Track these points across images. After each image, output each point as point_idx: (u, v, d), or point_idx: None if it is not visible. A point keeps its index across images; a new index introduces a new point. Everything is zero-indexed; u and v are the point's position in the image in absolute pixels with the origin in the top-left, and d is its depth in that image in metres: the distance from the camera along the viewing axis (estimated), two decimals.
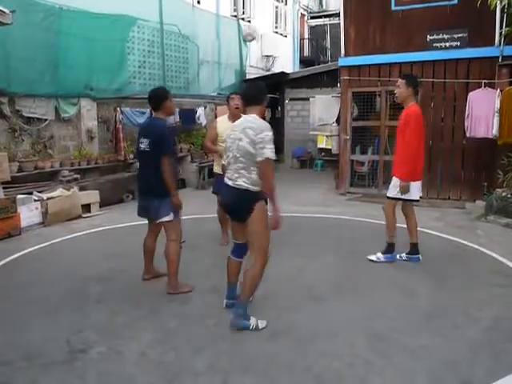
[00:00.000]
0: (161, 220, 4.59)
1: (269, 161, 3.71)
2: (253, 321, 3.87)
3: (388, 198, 5.63)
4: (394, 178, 5.53)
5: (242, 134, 3.78)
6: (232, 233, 4.25)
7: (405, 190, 5.36)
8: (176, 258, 4.61)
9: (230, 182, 3.89)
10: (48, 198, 7.59)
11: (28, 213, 7.28)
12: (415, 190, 5.50)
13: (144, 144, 4.58)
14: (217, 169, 6.22)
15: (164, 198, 4.52)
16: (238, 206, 3.91)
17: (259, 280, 3.88)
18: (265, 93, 4.12)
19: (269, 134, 3.75)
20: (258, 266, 3.84)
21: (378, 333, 3.79)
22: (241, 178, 3.80)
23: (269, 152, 3.70)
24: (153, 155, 4.49)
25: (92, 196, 8.50)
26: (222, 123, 6.12)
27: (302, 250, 6.16)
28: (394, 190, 5.51)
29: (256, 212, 3.81)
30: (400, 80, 5.48)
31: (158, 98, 4.67)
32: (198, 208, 7.66)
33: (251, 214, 3.81)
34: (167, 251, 4.61)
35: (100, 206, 8.60)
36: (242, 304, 3.87)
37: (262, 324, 3.90)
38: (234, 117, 6.15)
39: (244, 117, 3.98)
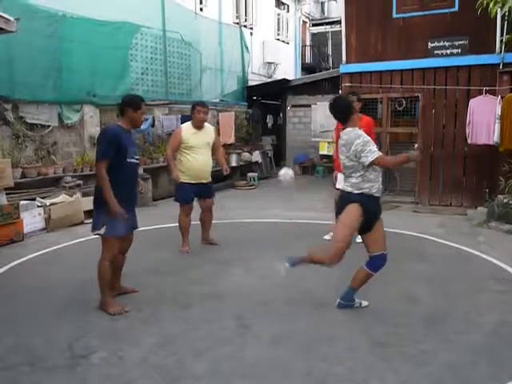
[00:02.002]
0: (93, 233, 4.37)
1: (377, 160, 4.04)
2: (357, 301, 4.39)
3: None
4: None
5: (343, 147, 4.17)
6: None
7: None
8: (104, 276, 4.34)
9: (344, 188, 4.33)
10: (51, 204, 7.62)
11: (31, 219, 7.31)
12: None
13: None
14: (181, 176, 6.18)
15: (97, 209, 4.30)
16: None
17: None
18: (351, 107, 4.27)
19: (359, 141, 4.03)
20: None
21: (378, 338, 3.80)
22: (347, 184, 4.23)
23: (368, 158, 4.00)
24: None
25: None
26: (187, 131, 6.17)
27: (303, 255, 6.16)
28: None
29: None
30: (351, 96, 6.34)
31: (122, 104, 4.43)
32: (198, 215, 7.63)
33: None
34: (98, 266, 4.37)
35: None
36: (352, 289, 4.36)
37: (364, 303, 4.42)
38: (198, 125, 6.21)
39: (347, 130, 4.21)
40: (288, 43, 19.98)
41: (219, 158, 6.65)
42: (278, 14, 19.38)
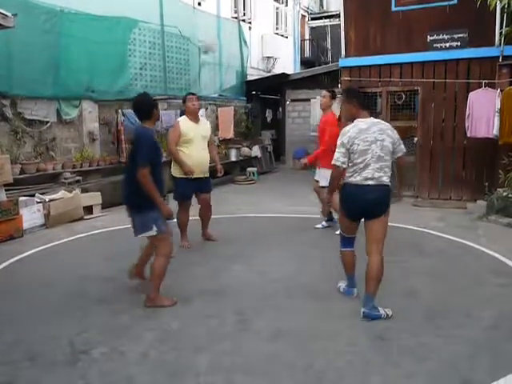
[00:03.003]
0: (143, 235, 4.37)
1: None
2: (381, 310, 4.09)
3: (324, 187, 6.24)
4: (324, 169, 6.67)
5: (384, 135, 4.14)
6: (349, 230, 4.38)
7: None
8: (161, 274, 4.37)
9: (371, 182, 4.09)
10: (50, 200, 7.62)
11: (30, 215, 7.30)
12: None
13: (129, 153, 4.49)
14: (178, 172, 6.12)
15: (145, 210, 4.24)
16: (382, 203, 4.15)
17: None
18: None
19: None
20: (381, 258, 4.13)
21: (378, 332, 3.80)
22: (385, 176, 4.12)
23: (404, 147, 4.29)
24: (131, 165, 4.30)
25: (94, 198, 8.53)
26: (185, 123, 6.11)
27: (303, 250, 6.18)
28: (326, 180, 6.28)
29: (389, 207, 4.19)
30: (325, 92, 6.88)
31: (148, 105, 4.47)
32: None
33: (387, 209, 4.16)
34: (153, 265, 4.38)
35: (102, 208, 8.63)
36: (372, 296, 4.11)
37: (389, 312, 4.11)
38: (194, 116, 6.20)
39: (370, 120, 4.23)
40: (287, 37, 19.90)
41: (213, 154, 6.55)
42: (277, 8, 19.29)
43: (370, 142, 4.09)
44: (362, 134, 4.11)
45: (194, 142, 6.11)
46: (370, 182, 4.08)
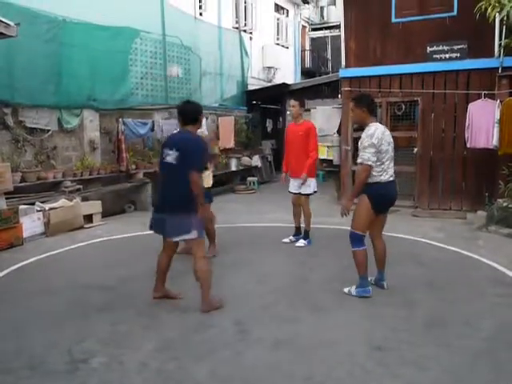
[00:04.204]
0: (182, 238, 4.41)
1: None
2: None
3: (308, 195, 6.87)
4: (309, 178, 6.75)
5: (391, 138, 4.71)
6: (367, 227, 4.81)
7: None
8: (208, 275, 4.44)
9: (392, 178, 4.69)
10: (50, 209, 7.63)
11: (30, 223, 7.31)
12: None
13: (171, 157, 4.37)
14: None
15: (188, 213, 4.30)
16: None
17: None
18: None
19: None
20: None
21: (378, 342, 3.79)
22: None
23: None
24: (180, 169, 4.29)
25: (94, 206, 8.53)
26: None
27: (303, 260, 6.18)
28: (310, 188, 6.81)
29: None
30: (293, 101, 6.87)
31: (194, 111, 4.56)
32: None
33: None
34: (196, 269, 4.40)
35: (102, 217, 8.64)
36: (384, 271, 5.01)
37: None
38: None
39: (379, 125, 4.72)
40: (287, 48, 20.03)
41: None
42: (278, 19, 19.43)
43: (388, 143, 4.60)
44: (384, 135, 4.56)
45: None
46: (392, 179, 4.66)
